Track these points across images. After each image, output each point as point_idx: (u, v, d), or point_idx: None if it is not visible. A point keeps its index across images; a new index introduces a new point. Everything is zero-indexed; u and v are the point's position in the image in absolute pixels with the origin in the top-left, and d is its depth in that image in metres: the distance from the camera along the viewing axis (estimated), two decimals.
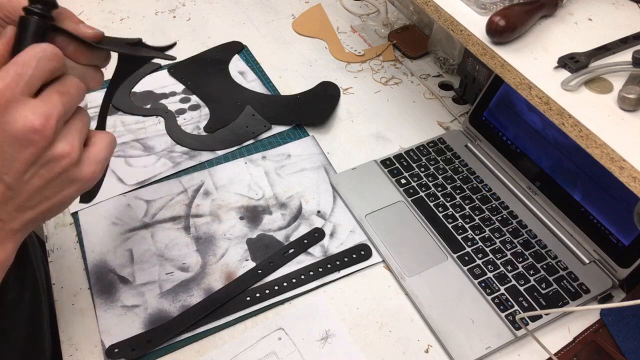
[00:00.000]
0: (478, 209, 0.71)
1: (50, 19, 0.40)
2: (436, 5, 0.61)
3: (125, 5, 1.04)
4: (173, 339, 0.59)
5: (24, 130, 0.36)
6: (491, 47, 0.55)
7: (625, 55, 0.53)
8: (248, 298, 0.62)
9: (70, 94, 0.39)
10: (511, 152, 0.74)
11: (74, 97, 0.39)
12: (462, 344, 0.58)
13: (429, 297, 0.62)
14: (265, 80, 0.90)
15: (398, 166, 0.76)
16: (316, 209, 0.72)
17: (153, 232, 0.68)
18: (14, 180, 0.37)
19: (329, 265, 0.65)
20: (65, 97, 0.38)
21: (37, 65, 0.37)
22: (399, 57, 0.96)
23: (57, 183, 0.39)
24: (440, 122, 0.85)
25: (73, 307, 0.61)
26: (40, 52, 0.37)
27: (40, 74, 0.37)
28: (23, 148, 0.36)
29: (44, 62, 0.37)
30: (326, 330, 0.60)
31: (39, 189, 0.39)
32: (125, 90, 0.87)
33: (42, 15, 0.39)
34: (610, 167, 0.47)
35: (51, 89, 0.38)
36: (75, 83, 0.40)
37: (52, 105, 0.37)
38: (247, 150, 0.79)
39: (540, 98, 0.51)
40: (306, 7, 1.07)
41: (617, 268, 0.63)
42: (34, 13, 0.39)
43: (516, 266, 0.65)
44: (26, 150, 0.36)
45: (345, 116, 0.85)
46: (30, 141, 0.36)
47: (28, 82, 0.36)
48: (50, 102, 0.37)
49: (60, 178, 0.39)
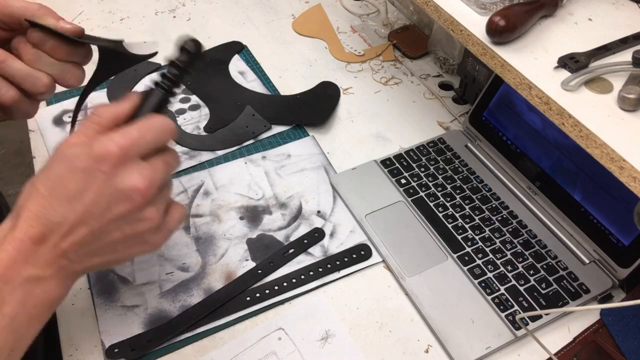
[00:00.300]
0: (478, 209, 0.71)
1: (172, 95, 0.44)
2: (436, 5, 0.61)
3: (125, 5, 1.04)
4: (173, 339, 0.59)
5: (129, 188, 0.39)
6: (491, 47, 0.55)
7: (625, 55, 0.53)
8: (248, 298, 0.62)
9: (172, 165, 0.43)
10: (511, 152, 0.74)
11: (173, 169, 0.43)
12: (462, 344, 0.58)
13: (429, 297, 0.62)
14: (265, 80, 0.90)
15: (398, 166, 0.76)
16: (316, 209, 0.72)
17: None
18: (100, 229, 0.40)
19: (329, 265, 0.65)
20: (168, 167, 0.42)
21: (157, 134, 0.41)
22: (399, 57, 0.96)
23: (132, 241, 0.42)
24: (440, 122, 0.85)
25: (73, 307, 0.61)
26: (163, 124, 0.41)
27: (156, 143, 0.41)
28: (121, 202, 0.39)
29: (162, 133, 0.41)
30: (326, 330, 0.60)
31: (114, 242, 0.41)
32: (125, 90, 0.87)
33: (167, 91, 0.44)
34: (610, 167, 0.47)
35: (159, 157, 0.42)
36: (177, 156, 0.44)
37: (158, 173, 0.41)
38: (247, 150, 0.79)
39: (540, 98, 0.51)
40: (306, 7, 1.07)
41: (617, 268, 0.63)
42: (162, 87, 0.44)
43: (516, 266, 0.65)
44: (122, 206, 0.39)
45: (345, 116, 0.85)
46: (130, 199, 0.39)
47: (145, 146, 0.40)
48: (157, 169, 0.41)
49: (137, 238, 0.42)
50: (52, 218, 0.38)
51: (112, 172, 0.38)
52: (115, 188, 0.39)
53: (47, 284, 0.40)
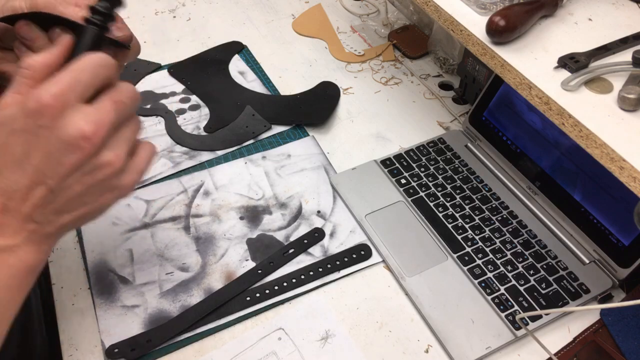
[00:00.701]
0: (478, 209, 0.71)
1: (106, 30, 0.41)
2: (436, 5, 0.61)
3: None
4: (173, 339, 0.59)
5: (74, 136, 0.36)
6: (491, 47, 0.55)
7: (625, 55, 0.53)
8: (248, 298, 0.62)
9: (123, 102, 0.39)
10: (511, 152, 0.74)
11: (128, 106, 0.40)
12: (462, 344, 0.58)
13: (429, 297, 0.62)
14: (265, 80, 0.90)
15: (398, 166, 0.76)
16: (316, 209, 0.72)
17: (153, 232, 0.68)
18: (57, 184, 0.38)
19: (329, 265, 0.65)
20: (119, 105, 0.39)
21: (92, 73, 0.38)
22: (399, 57, 0.96)
23: (97, 190, 0.40)
24: (440, 122, 0.85)
25: (73, 307, 0.61)
26: (96, 60, 0.38)
27: (95, 81, 0.38)
28: (70, 153, 0.37)
29: (99, 69, 0.38)
30: (326, 330, 0.60)
31: (78, 194, 0.39)
32: None
33: (101, 27, 0.41)
34: (610, 167, 0.47)
35: (105, 96, 0.39)
36: (131, 91, 0.40)
37: (105, 113, 0.38)
38: (247, 150, 0.79)
39: (540, 98, 0.51)
40: (306, 7, 1.07)
41: (617, 268, 0.63)
42: (93, 23, 0.41)
43: (516, 266, 0.65)
44: (72, 156, 0.37)
45: (345, 116, 0.85)
46: (79, 147, 0.37)
47: (83, 89, 0.37)
48: (103, 109, 0.38)
49: (101, 185, 0.40)
50: (5, 187, 0.37)
51: (52, 125, 0.36)
52: (60, 140, 0.36)
53: (21, 252, 0.39)
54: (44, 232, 0.40)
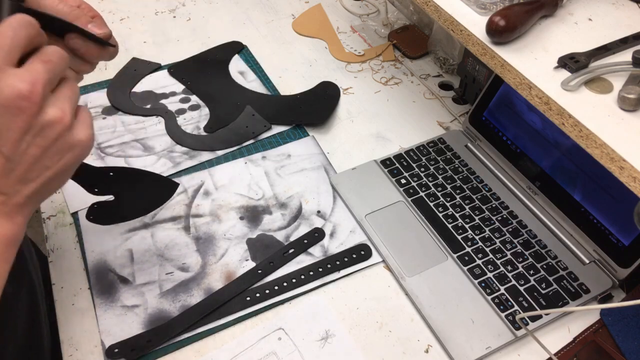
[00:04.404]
0: (478, 209, 0.71)
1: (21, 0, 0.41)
2: (436, 5, 0.61)
3: (125, 5, 1.04)
4: (173, 339, 0.59)
5: (12, 98, 0.36)
6: (491, 47, 0.55)
7: (625, 55, 0.53)
8: (248, 298, 0.62)
9: (53, 61, 0.39)
10: (511, 152, 0.74)
11: (58, 64, 0.40)
12: (462, 344, 0.58)
13: (429, 297, 0.62)
14: (265, 80, 0.90)
15: (398, 166, 0.76)
16: (316, 209, 0.72)
17: (153, 232, 0.68)
18: (11, 150, 0.38)
19: (329, 265, 0.65)
20: (48, 64, 0.39)
21: (14, 34, 0.37)
22: (399, 57, 0.96)
23: (55, 150, 0.40)
24: (440, 122, 0.85)
25: (73, 307, 0.61)
26: (14, 22, 0.38)
27: (19, 42, 0.38)
28: (14, 116, 0.37)
29: (20, 30, 0.38)
30: (326, 330, 0.60)
31: (37, 158, 0.39)
32: (125, 90, 0.87)
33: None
34: (610, 167, 0.47)
35: (34, 58, 0.39)
36: (57, 51, 0.40)
37: (37, 72, 0.38)
38: (247, 150, 0.79)
39: (540, 98, 0.51)
40: (306, 7, 1.07)
41: (617, 268, 0.63)
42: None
43: (516, 266, 0.65)
44: (18, 118, 0.37)
45: (345, 116, 0.85)
46: (20, 108, 0.37)
47: (8, 52, 0.37)
48: (34, 69, 0.38)
49: (57, 145, 0.40)
50: None
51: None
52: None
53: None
54: (13, 203, 0.40)
